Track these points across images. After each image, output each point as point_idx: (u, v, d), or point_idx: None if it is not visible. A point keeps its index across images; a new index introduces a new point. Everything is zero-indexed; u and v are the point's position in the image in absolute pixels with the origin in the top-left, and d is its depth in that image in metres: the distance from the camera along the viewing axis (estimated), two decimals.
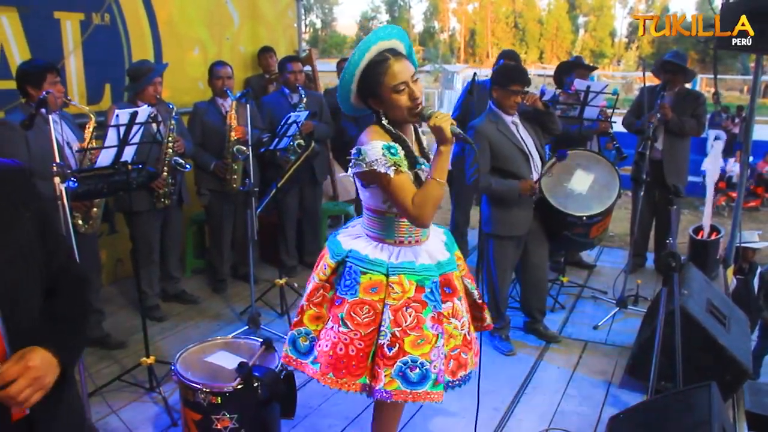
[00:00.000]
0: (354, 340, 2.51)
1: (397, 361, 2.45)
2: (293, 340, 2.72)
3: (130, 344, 4.45)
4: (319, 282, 2.66)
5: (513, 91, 4.03)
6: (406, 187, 2.40)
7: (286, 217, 5.78)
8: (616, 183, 4.30)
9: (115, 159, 3.78)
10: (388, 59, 2.38)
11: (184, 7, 6.11)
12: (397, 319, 2.46)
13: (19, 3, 4.60)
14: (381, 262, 2.52)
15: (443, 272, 2.60)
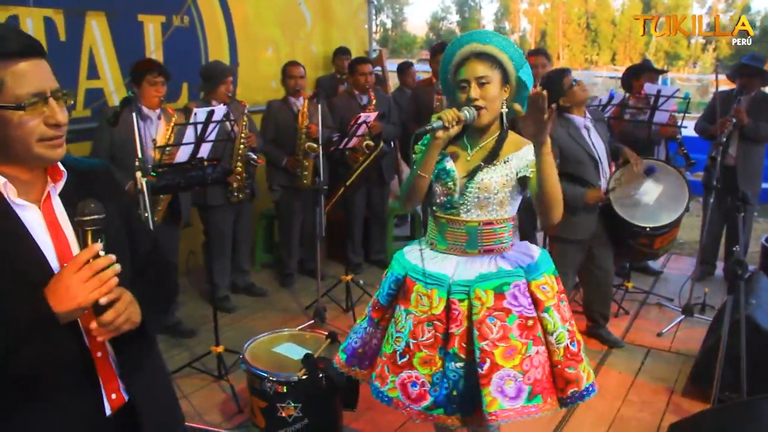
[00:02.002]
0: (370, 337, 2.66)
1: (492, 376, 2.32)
2: None
3: (200, 333, 4.64)
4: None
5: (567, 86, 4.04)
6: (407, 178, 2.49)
7: (353, 215, 5.90)
8: (686, 196, 4.24)
9: (191, 155, 3.96)
10: (469, 58, 2.41)
11: (259, 8, 6.30)
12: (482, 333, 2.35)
13: (107, 7, 4.86)
14: None
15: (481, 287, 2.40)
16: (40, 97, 1.39)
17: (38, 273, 1.40)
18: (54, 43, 4.54)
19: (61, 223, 1.51)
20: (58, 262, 1.46)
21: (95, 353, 1.52)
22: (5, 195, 1.42)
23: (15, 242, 1.41)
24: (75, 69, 4.74)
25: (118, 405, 1.58)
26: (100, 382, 1.52)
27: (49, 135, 1.41)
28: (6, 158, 1.42)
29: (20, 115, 1.37)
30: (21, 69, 1.37)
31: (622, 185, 4.25)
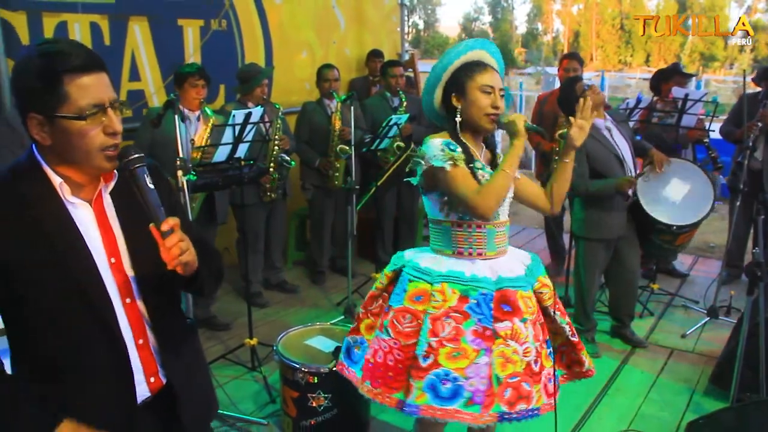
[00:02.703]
0: (393, 349, 2.47)
1: (429, 373, 2.37)
2: (348, 347, 2.73)
3: (234, 327, 4.81)
4: (375, 291, 2.68)
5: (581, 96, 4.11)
6: (465, 179, 2.42)
7: (383, 215, 6.04)
8: (711, 196, 4.31)
9: (229, 155, 4.12)
10: (486, 65, 2.51)
11: (294, 12, 6.47)
12: (434, 329, 2.40)
13: (149, 12, 5.06)
14: (430, 271, 2.49)
15: (501, 287, 2.46)
16: (99, 107, 1.53)
17: (79, 264, 1.56)
18: (99, 46, 4.74)
19: (109, 218, 1.67)
20: (105, 254, 1.63)
21: (137, 340, 1.68)
22: (60, 194, 1.58)
23: (64, 237, 1.56)
24: (118, 71, 4.94)
25: (157, 388, 1.74)
26: (132, 369, 1.67)
27: (108, 144, 1.56)
28: (65, 162, 1.57)
29: (82, 124, 1.52)
30: (84, 82, 1.52)
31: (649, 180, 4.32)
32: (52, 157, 1.57)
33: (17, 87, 1.54)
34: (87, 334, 1.59)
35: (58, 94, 1.49)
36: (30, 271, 1.50)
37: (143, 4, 5.03)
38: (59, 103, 1.50)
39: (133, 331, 1.67)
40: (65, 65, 1.50)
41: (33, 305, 1.52)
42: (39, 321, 1.54)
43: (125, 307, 1.65)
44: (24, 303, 1.53)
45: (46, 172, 1.58)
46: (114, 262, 1.64)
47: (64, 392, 1.61)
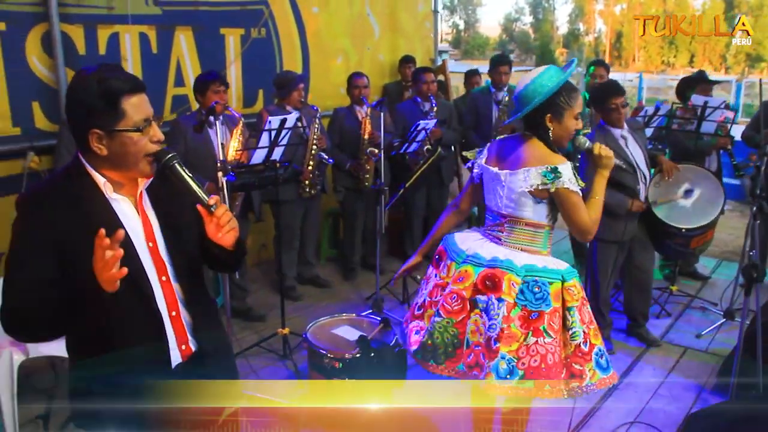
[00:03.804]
0: (556, 347, 2.71)
1: (592, 354, 2.76)
2: (495, 367, 2.70)
3: (268, 318, 5.12)
4: (510, 302, 2.73)
5: (611, 108, 4.31)
6: (583, 205, 2.77)
7: (412, 215, 6.31)
8: (721, 200, 4.48)
9: (266, 157, 4.44)
10: (577, 88, 2.80)
11: (330, 20, 6.77)
12: (582, 317, 2.77)
13: (193, 22, 5.40)
14: (556, 271, 2.78)
15: None
16: (147, 121, 1.88)
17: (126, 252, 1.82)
18: (147, 55, 5.11)
19: (147, 210, 2.01)
20: (144, 240, 1.98)
21: (170, 312, 2.03)
22: (104, 191, 1.93)
23: (107, 226, 1.83)
24: (164, 78, 5.29)
25: (187, 354, 2.08)
26: (168, 337, 2.01)
27: (153, 150, 1.90)
28: (112, 166, 1.92)
29: (138, 135, 1.86)
30: (134, 102, 1.86)
31: (660, 186, 4.52)
32: (99, 162, 1.91)
33: (78, 108, 1.86)
34: (129, 307, 1.93)
35: (117, 112, 1.83)
36: (81, 254, 1.81)
37: (188, 15, 5.37)
38: (118, 119, 1.84)
39: (168, 304, 2.02)
40: (122, 88, 1.84)
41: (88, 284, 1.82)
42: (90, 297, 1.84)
43: (161, 284, 2.00)
44: (77, 282, 1.84)
45: (91, 174, 1.92)
46: (152, 246, 1.99)
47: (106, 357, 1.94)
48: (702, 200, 4.53)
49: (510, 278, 2.75)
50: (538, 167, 2.74)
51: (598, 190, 2.79)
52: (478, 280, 2.82)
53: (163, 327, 2.00)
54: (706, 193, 4.55)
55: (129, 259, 1.86)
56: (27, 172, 4.48)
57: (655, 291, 5.49)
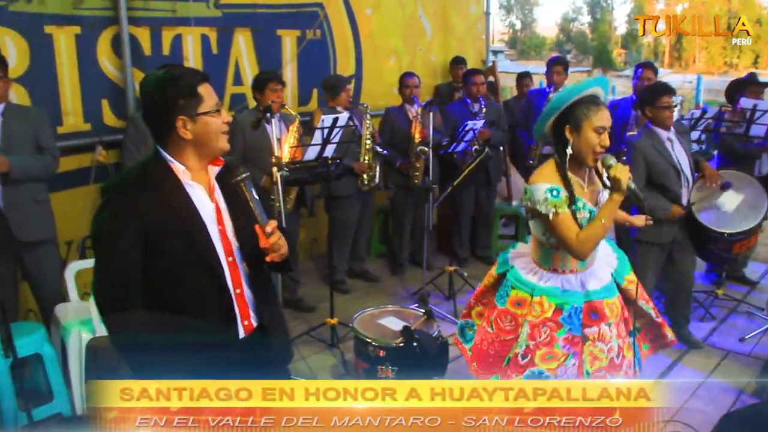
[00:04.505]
0: (495, 341, 3.00)
1: (526, 370, 2.88)
2: (461, 327, 3.30)
3: (318, 310, 5.32)
4: (484, 287, 3.22)
5: (663, 106, 4.35)
6: (568, 224, 2.77)
7: (461, 213, 6.43)
8: (764, 205, 4.49)
9: (318, 154, 4.63)
10: (600, 104, 2.84)
11: (383, 21, 6.94)
12: (533, 334, 2.89)
13: (251, 24, 5.65)
14: (529, 283, 2.95)
15: (589, 300, 2.91)
16: (218, 105, 2.16)
17: (197, 231, 2.15)
18: (207, 55, 5.37)
19: (217, 197, 2.24)
20: (216, 225, 2.20)
21: (236, 290, 2.24)
22: (181, 179, 2.16)
23: (186, 211, 2.15)
24: (223, 77, 5.54)
25: (249, 330, 2.29)
26: (237, 314, 2.23)
27: (225, 129, 2.17)
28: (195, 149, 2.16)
29: (215, 116, 2.14)
30: (206, 89, 2.14)
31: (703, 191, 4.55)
32: (179, 150, 2.15)
33: (163, 103, 2.11)
34: (203, 284, 2.16)
35: (197, 98, 2.10)
36: (162, 235, 2.09)
37: (246, 17, 5.62)
38: (198, 104, 2.10)
39: (233, 282, 2.23)
40: (196, 78, 2.12)
41: (165, 264, 2.11)
42: (168, 276, 2.12)
43: (228, 264, 2.21)
44: (158, 263, 2.11)
45: (170, 163, 2.15)
46: (221, 229, 2.21)
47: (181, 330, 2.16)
48: (745, 205, 4.55)
49: (492, 269, 3.21)
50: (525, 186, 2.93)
51: (603, 212, 2.78)
52: None
53: (233, 303, 2.22)
54: (750, 198, 4.56)
55: (203, 240, 2.15)
56: (95, 165, 4.78)
57: (700, 294, 5.53)
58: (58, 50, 4.59)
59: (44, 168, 4.02)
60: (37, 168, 3.97)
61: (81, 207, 4.73)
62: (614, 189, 2.76)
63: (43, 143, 4.04)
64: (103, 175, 4.80)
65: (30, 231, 4.01)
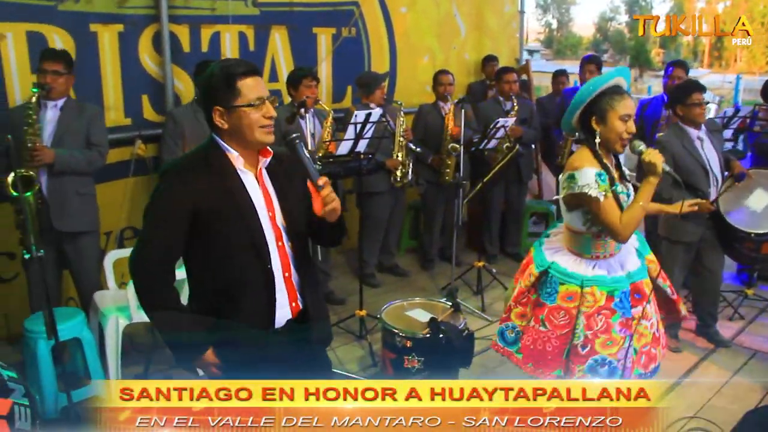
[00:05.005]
0: (551, 338, 3.04)
1: (589, 359, 2.96)
2: (502, 332, 3.27)
3: (348, 302, 5.43)
4: (524, 287, 3.18)
5: (694, 103, 4.36)
6: (614, 209, 2.87)
7: (491, 210, 6.49)
8: None
9: (351, 149, 4.74)
10: (624, 92, 2.95)
11: (418, 20, 7.02)
12: (589, 324, 2.96)
13: (288, 22, 5.78)
14: (577, 275, 3.00)
15: (633, 281, 3.04)
16: (260, 100, 2.22)
17: (250, 215, 2.28)
18: (244, 52, 5.50)
19: (266, 184, 2.36)
20: (265, 209, 2.33)
21: (284, 273, 2.37)
22: (235, 165, 2.30)
23: (239, 195, 2.28)
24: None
25: (296, 311, 2.42)
26: (276, 298, 2.35)
27: (265, 123, 2.25)
28: (238, 141, 2.28)
29: (250, 110, 2.21)
30: (248, 83, 2.22)
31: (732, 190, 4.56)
32: (227, 138, 2.28)
33: (205, 91, 2.27)
34: (249, 266, 2.29)
35: (234, 91, 2.20)
36: (216, 217, 2.24)
37: (283, 15, 5.75)
38: (235, 97, 2.21)
39: (282, 266, 2.37)
40: (236, 72, 2.22)
41: (215, 244, 2.26)
42: (217, 257, 2.28)
43: (278, 249, 2.35)
44: (211, 243, 2.26)
45: (225, 150, 2.29)
46: (271, 215, 2.33)
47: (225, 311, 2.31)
48: None
49: (531, 269, 3.16)
50: (565, 173, 2.97)
51: (641, 195, 2.87)
52: (524, 264, 3.29)
53: (274, 287, 2.34)
54: None
55: (253, 224, 2.28)
56: (135, 159, 4.94)
57: (729, 294, 5.53)
58: (102, 47, 4.77)
59: (89, 163, 4.15)
60: (82, 162, 4.11)
61: (120, 199, 4.92)
62: (651, 173, 2.87)
63: (93, 139, 4.18)
64: (142, 169, 4.98)
65: (72, 222, 4.16)
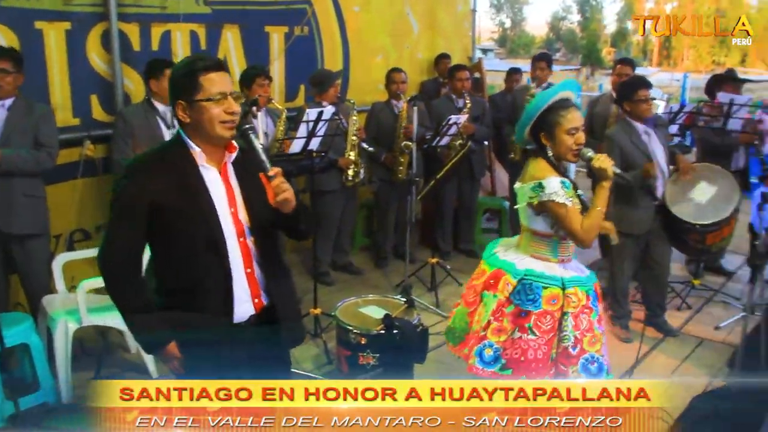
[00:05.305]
0: (540, 345, 3.01)
1: (580, 359, 3.00)
2: (480, 352, 3.13)
3: (302, 302, 5.39)
4: (503, 299, 3.07)
5: (640, 99, 4.49)
6: (576, 215, 2.94)
7: (444, 207, 6.55)
8: (735, 198, 4.66)
9: (303, 147, 4.75)
10: (570, 106, 3.01)
11: (371, 19, 7.05)
12: (576, 324, 3.00)
13: (240, 21, 5.75)
14: (557, 277, 3.03)
15: (594, 281, 3.14)
16: (222, 95, 2.24)
17: (208, 212, 2.30)
18: (196, 51, 5.43)
19: (231, 180, 2.37)
20: (227, 205, 2.35)
21: (246, 269, 2.39)
22: (197, 160, 2.31)
23: (197, 191, 2.30)
24: None
25: (260, 307, 2.44)
26: (234, 295, 2.37)
27: (225, 119, 2.25)
28: (200, 135, 2.30)
29: (211, 105, 2.23)
30: (211, 78, 2.24)
31: (678, 188, 4.70)
32: (191, 133, 2.30)
33: (171, 84, 2.31)
34: (207, 263, 2.31)
35: (196, 85, 2.23)
36: (175, 213, 2.26)
37: (235, 14, 5.71)
38: (197, 91, 2.23)
39: (244, 262, 2.38)
40: (199, 67, 2.24)
41: (175, 240, 2.29)
42: (178, 251, 2.31)
43: (239, 244, 2.37)
44: (169, 237, 2.30)
45: (188, 145, 2.30)
46: (233, 211, 2.35)
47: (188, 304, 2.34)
48: (718, 197, 4.71)
49: (506, 279, 3.08)
50: (529, 183, 3.02)
51: (597, 201, 2.96)
52: (488, 278, 3.18)
53: (232, 282, 2.36)
54: (722, 191, 4.72)
55: (211, 220, 2.29)
56: (83, 160, 4.85)
57: (677, 284, 5.70)
58: (48, 46, 4.67)
59: (37, 163, 4.05)
60: (30, 162, 4.01)
61: (69, 201, 4.83)
62: (602, 178, 2.97)
63: (42, 139, 4.08)
64: (91, 170, 4.89)
65: (19, 224, 4.07)
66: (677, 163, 4.77)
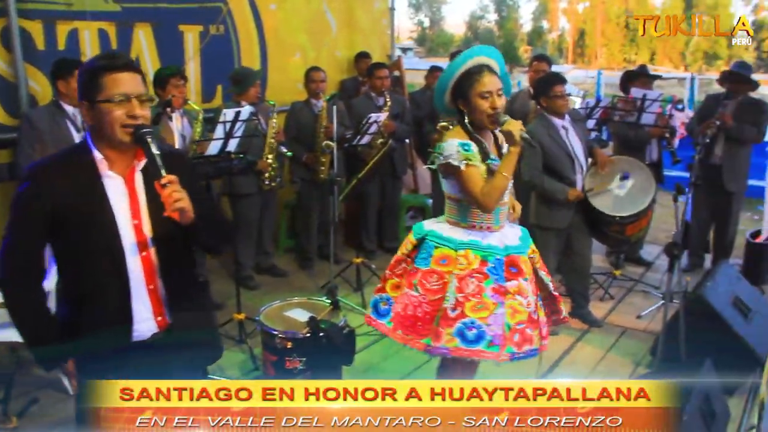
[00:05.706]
0: (422, 303, 3.00)
1: (457, 322, 2.92)
2: (375, 304, 3.21)
3: (226, 307, 5.27)
4: (401, 256, 3.17)
5: (556, 95, 4.56)
6: (475, 178, 2.91)
7: (367, 206, 6.50)
8: (652, 189, 4.80)
9: (221, 149, 4.61)
10: (483, 71, 2.98)
11: (288, 17, 6.94)
12: (461, 286, 2.93)
13: (152, 19, 5.56)
14: (452, 239, 3.01)
15: (509, 254, 3.01)
16: (125, 96, 2.09)
17: (106, 222, 2.15)
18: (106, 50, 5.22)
19: (137, 190, 2.22)
20: (130, 217, 2.20)
21: (148, 285, 2.25)
22: (98, 168, 2.16)
23: (96, 201, 2.15)
24: None
25: (164, 325, 2.30)
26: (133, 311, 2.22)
27: (127, 122, 2.10)
28: (102, 141, 2.15)
29: (112, 107, 2.08)
30: (115, 78, 2.09)
31: (597, 177, 4.80)
32: (95, 136, 2.16)
33: (78, 83, 2.17)
34: (105, 277, 2.17)
35: (98, 86, 2.09)
36: (72, 222, 2.11)
37: (147, 12, 5.52)
38: (97, 92, 2.09)
39: (146, 277, 2.23)
40: (103, 66, 2.10)
41: (72, 250, 2.15)
42: (76, 262, 2.17)
43: (141, 259, 2.21)
44: (67, 248, 2.17)
45: (92, 152, 2.16)
46: (136, 223, 2.20)
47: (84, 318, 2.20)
48: (635, 190, 4.83)
49: (409, 237, 3.16)
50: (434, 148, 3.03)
51: (503, 166, 2.92)
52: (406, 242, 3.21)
53: (130, 298, 2.21)
54: (639, 183, 4.85)
55: (109, 232, 2.15)
56: None
57: (599, 275, 5.82)
58: None
59: None
60: None
61: None
62: (509, 142, 2.93)
63: None
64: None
65: None
66: (595, 156, 4.87)
